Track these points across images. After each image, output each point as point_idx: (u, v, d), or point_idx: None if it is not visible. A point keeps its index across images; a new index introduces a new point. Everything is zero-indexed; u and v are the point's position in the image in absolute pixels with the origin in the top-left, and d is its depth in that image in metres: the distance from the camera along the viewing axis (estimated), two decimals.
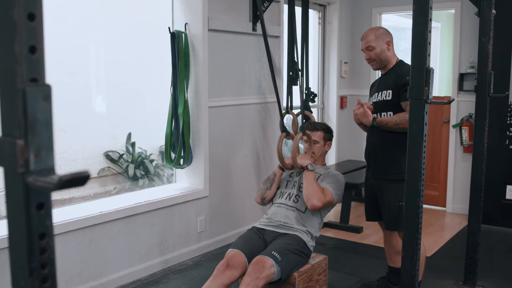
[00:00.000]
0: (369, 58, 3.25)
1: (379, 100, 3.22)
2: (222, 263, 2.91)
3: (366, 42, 3.23)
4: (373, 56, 3.22)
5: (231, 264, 2.91)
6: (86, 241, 3.44)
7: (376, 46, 3.18)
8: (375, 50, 3.19)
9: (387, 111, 3.18)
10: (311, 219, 3.18)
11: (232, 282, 2.89)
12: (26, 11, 0.81)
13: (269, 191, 3.41)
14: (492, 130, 4.82)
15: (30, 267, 0.87)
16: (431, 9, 2.36)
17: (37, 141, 0.82)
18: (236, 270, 2.92)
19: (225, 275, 2.86)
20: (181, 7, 4.16)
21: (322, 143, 3.45)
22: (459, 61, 5.52)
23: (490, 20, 3.36)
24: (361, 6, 6.11)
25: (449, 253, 4.42)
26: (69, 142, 5.25)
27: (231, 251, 2.99)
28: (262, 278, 2.82)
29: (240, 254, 2.97)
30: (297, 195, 3.25)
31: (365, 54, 3.27)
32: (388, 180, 3.21)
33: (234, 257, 2.94)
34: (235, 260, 2.93)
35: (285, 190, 3.35)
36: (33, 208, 0.86)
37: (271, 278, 2.88)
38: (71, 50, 5.11)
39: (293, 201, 3.24)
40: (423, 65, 2.35)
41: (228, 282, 2.87)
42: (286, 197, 3.29)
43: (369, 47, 3.21)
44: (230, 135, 4.47)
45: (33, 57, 0.83)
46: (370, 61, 3.27)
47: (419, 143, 2.39)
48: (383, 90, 3.20)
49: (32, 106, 0.82)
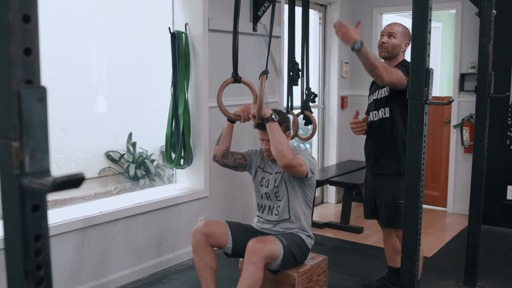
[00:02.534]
0: (385, 43, 3.19)
1: (378, 98, 3.22)
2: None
3: (391, 29, 3.20)
4: (389, 44, 3.17)
5: (209, 221, 3.12)
6: (86, 241, 3.44)
7: (397, 38, 3.15)
8: (394, 40, 3.16)
9: (384, 107, 3.17)
10: (299, 221, 3.11)
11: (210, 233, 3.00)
12: (21, 13, 0.81)
13: (217, 147, 3.23)
14: (493, 131, 4.81)
15: (25, 269, 0.87)
16: (431, 9, 2.36)
17: (32, 143, 0.82)
18: (214, 224, 3.07)
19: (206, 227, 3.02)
20: (181, 8, 4.16)
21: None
22: (460, 61, 5.51)
23: (491, 20, 3.35)
24: (362, 6, 6.11)
25: (449, 254, 4.41)
26: (70, 142, 5.26)
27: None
28: (267, 249, 2.81)
29: (222, 222, 3.14)
30: (277, 206, 3.13)
31: (382, 38, 3.22)
32: (386, 176, 3.22)
33: (214, 221, 3.16)
34: (215, 221, 3.13)
35: (264, 201, 3.18)
36: (29, 209, 0.86)
37: (276, 255, 2.87)
38: (72, 49, 5.12)
39: (275, 214, 3.14)
40: (423, 66, 2.35)
41: (207, 231, 2.99)
42: (268, 212, 3.17)
43: (391, 33, 3.18)
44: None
45: (28, 59, 0.83)
46: (382, 47, 3.21)
47: (418, 143, 2.39)
48: (382, 87, 3.18)
49: (27, 108, 0.82)
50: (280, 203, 3.11)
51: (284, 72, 4.89)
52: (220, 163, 3.26)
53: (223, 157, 3.23)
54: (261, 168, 3.22)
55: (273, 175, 3.14)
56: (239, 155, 3.26)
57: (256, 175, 3.24)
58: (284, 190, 3.09)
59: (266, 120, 2.96)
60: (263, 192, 3.18)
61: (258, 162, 3.25)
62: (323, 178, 5.30)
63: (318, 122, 5.91)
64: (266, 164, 3.21)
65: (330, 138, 6.06)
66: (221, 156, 3.23)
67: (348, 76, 6.13)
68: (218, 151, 3.23)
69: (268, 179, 3.17)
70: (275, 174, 3.14)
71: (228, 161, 3.24)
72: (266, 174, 3.19)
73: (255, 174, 3.24)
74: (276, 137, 2.93)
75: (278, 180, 3.11)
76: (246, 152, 3.30)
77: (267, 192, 3.16)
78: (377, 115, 3.24)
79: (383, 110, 3.18)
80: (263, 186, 3.18)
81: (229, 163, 3.25)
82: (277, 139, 2.92)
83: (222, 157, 3.23)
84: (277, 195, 3.13)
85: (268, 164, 3.21)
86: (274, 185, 3.12)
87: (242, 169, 3.29)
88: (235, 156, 3.25)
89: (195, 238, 3.02)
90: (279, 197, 3.12)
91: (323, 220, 5.33)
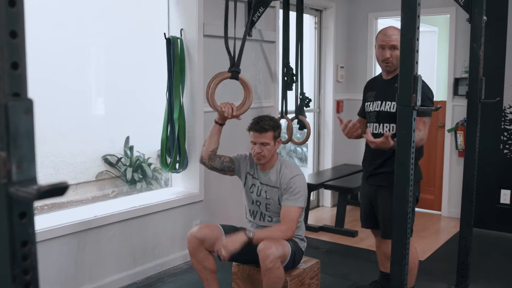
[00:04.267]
0: (389, 57, 3.03)
1: (383, 110, 3.09)
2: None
3: (392, 40, 3.00)
4: (394, 57, 3.00)
5: (204, 225, 3.17)
6: (81, 244, 3.47)
7: (399, 48, 2.87)
8: (397, 51, 2.89)
9: (390, 122, 3.04)
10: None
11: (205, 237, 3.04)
12: (8, 29, 0.85)
13: (204, 148, 3.24)
14: (486, 135, 4.86)
15: (13, 274, 0.90)
16: (419, 17, 2.40)
17: (19, 153, 0.86)
18: (209, 229, 3.10)
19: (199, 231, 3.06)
20: (177, 13, 4.20)
21: (273, 143, 3.10)
22: (454, 65, 5.56)
23: (481, 26, 3.39)
24: (357, 11, 6.15)
25: (443, 257, 4.45)
26: (68, 146, 5.29)
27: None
28: (281, 244, 2.89)
29: (216, 226, 3.17)
30: (269, 214, 3.16)
31: (385, 52, 3.04)
32: (385, 188, 3.11)
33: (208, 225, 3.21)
34: (209, 225, 3.17)
35: (255, 207, 3.21)
36: (16, 216, 0.89)
37: (287, 254, 2.95)
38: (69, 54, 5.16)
39: (268, 220, 3.17)
40: (411, 73, 2.38)
41: (201, 236, 3.03)
42: (260, 218, 3.20)
43: (394, 46, 2.99)
44: (226, 140, 4.49)
45: (16, 72, 0.86)
46: (387, 62, 3.05)
47: (407, 149, 2.43)
48: (387, 101, 3.06)
49: (14, 120, 0.85)
50: (271, 212, 3.16)
51: (279, 76, 4.93)
52: (207, 165, 3.26)
53: (210, 159, 3.23)
54: (251, 175, 3.23)
55: (265, 186, 3.15)
56: (227, 158, 3.27)
57: (246, 181, 3.25)
58: (276, 203, 3.13)
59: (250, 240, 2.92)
60: (254, 198, 3.21)
61: (248, 168, 3.25)
62: (318, 182, 5.34)
63: (313, 126, 5.95)
64: (256, 171, 3.22)
65: (325, 142, 6.10)
66: (208, 158, 3.23)
67: (344, 80, 6.17)
68: (205, 152, 3.23)
69: (258, 186, 3.18)
70: (266, 186, 3.14)
71: (215, 164, 3.25)
72: (256, 181, 3.20)
73: (245, 180, 3.25)
74: (269, 237, 2.94)
75: (270, 194, 3.14)
76: (235, 156, 3.31)
77: (258, 200, 3.19)
78: (378, 129, 3.14)
79: (388, 126, 3.07)
80: (253, 193, 3.20)
81: (216, 166, 3.25)
82: (271, 236, 2.94)
83: (209, 159, 3.23)
84: (267, 207, 3.17)
85: (257, 171, 3.21)
86: (266, 197, 3.15)
87: (231, 173, 3.30)
88: (222, 159, 3.26)
89: (190, 243, 3.05)
90: (269, 209, 3.16)
91: (318, 223, 5.36)
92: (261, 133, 3.05)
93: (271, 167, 3.16)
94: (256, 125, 3.08)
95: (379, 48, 3.10)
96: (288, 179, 3.07)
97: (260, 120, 3.11)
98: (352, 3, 6.17)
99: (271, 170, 3.16)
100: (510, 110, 5.04)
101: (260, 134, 3.05)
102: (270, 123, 3.10)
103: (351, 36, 6.20)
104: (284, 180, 3.08)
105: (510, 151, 5.05)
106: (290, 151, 8.05)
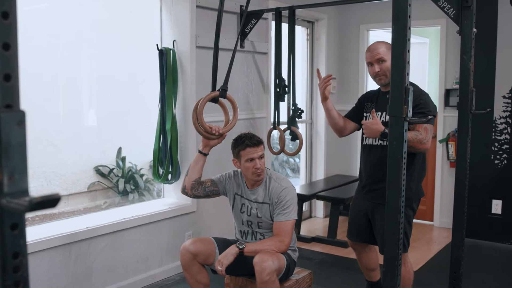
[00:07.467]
0: (378, 71, 3.03)
1: (383, 121, 3.06)
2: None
3: (377, 54, 3.01)
4: (384, 69, 2.99)
5: (197, 239, 3.15)
6: (72, 256, 3.45)
7: (387, 59, 2.91)
8: (386, 63, 2.94)
9: None
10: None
11: (198, 252, 3.03)
12: (1, 41, 0.85)
13: (186, 178, 3.19)
14: (478, 145, 4.89)
15: (4, 285, 0.90)
16: (410, 29, 2.42)
17: (11, 165, 0.86)
18: (202, 243, 3.08)
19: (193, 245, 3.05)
20: (169, 24, 4.22)
21: (264, 155, 3.12)
22: (445, 76, 5.61)
23: (471, 38, 3.42)
24: (349, 22, 6.20)
25: (435, 267, 4.46)
26: (60, 157, 5.27)
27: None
28: (277, 258, 2.89)
29: (209, 239, 3.16)
30: (261, 232, 3.16)
31: (373, 67, 3.05)
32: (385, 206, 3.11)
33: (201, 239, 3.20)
34: (202, 239, 3.15)
35: (245, 228, 3.19)
36: (7, 228, 0.89)
37: (282, 267, 2.96)
38: (63, 65, 5.16)
39: (259, 239, 3.15)
40: (403, 84, 2.40)
41: (194, 250, 3.01)
42: (252, 238, 3.19)
43: (380, 59, 2.99)
44: (218, 150, 4.49)
45: (8, 84, 0.87)
46: (378, 75, 3.05)
47: (399, 160, 2.44)
48: (385, 112, 3.04)
49: (6, 131, 0.85)
50: (263, 230, 3.15)
51: (271, 87, 4.95)
52: (190, 195, 3.22)
53: (193, 189, 3.17)
54: (239, 195, 3.18)
55: (255, 204, 3.12)
56: (208, 182, 3.21)
57: (235, 202, 3.20)
58: (268, 219, 3.11)
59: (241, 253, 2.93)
60: (245, 219, 3.18)
61: (235, 188, 3.19)
62: (311, 192, 5.34)
63: (306, 137, 5.96)
64: (243, 190, 3.17)
65: (318, 152, 6.11)
66: (190, 188, 3.17)
67: (336, 91, 6.20)
68: (187, 182, 3.18)
69: (248, 206, 3.14)
70: (256, 203, 3.11)
71: (198, 192, 3.19)
72: (245, 201, 3.16)
73: (234, 201, 3.20)
74: (262, 249, 2.94)
75: (261, 211, 3.10)
76: (218, 178, 3.24)
77: (249, 220, 3.16)
78: (377, 140, 3.12)
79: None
80: (244, 213, 3.17)
81: (200, 194, 3.20)
82: (264, 248, 2.94)
83: (191, 188, 3.17)
84: (260, 225, 3.15)
85: (245, 190, 3.17)
86: (257, 215, 3.12)
87: (216, 195, 3.26)
88: (204, 185, 3.19)
89: (183, 257, 3.03)
90: (261, 227, 3.15)
91: (311, 234, 5.36)
92: (258, 146, 3.05)
93: (259, 184, 3.13)
94: (250, 140, 3.06)
95: (368, 65, 3.13)
96: (278, 193, 3.05)
97: (247, 137, 3.09)
98: (343, 15, 6.22)
99: (260, 186, 3.13)
100: (500, 120, 5.08)
101: (257, 147, 3.05)
102: (257, 137, 3.13)
103: (342, 47, 6.24)
104: (274, 195, 3.05)
105: (501, 161, 5.08)
106: (283, 162, 8.06)
